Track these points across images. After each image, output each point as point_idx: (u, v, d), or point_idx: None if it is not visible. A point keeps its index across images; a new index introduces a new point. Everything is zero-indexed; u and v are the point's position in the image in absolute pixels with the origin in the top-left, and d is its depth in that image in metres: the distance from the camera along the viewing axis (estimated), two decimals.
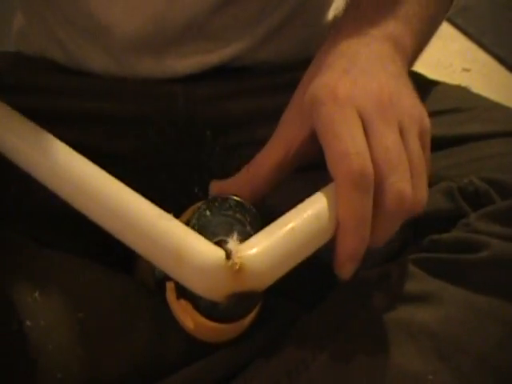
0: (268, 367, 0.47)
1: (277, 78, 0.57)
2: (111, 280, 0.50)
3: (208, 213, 0.42)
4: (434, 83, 0.61)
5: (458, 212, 0.49)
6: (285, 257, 0.39)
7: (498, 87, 1.46)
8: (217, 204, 0.43)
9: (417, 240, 0.50)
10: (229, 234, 0.41)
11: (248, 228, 0.42)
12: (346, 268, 0.42)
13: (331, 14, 0.62)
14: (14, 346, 0.45)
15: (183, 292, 0.42)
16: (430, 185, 0.52)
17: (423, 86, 0.60)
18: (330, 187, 0.41)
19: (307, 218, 0.40)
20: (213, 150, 0.56)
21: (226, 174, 0.56)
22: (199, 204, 0.43)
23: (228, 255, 0.36)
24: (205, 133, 0.56)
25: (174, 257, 0.37)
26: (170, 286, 0.43)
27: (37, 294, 0.47)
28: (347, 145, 0.40)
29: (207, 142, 0.56)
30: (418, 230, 0.51)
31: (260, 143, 0.56)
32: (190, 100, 0.55)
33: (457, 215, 0.49)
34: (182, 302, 0.42)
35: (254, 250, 0.37)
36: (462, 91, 0.60)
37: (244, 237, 0.40)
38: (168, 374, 0.48)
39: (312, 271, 0.55)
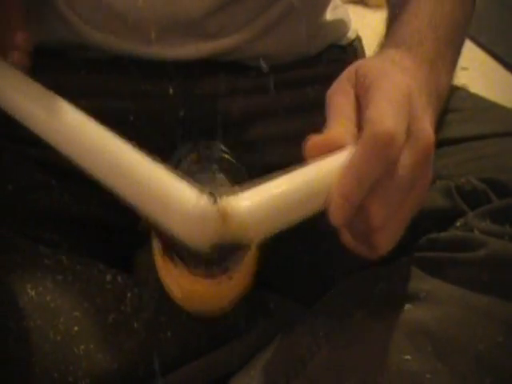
0: (265, 367, 0.47)
1: (274, 77, 0.57)
2: (109, 279, 0.50)
3: (195, 167, 0.43)
4: None
5: (455, 211, 0.49)
6: (272, 215, 0.38)
7: (496, 86, 1.46)
8: (203, 158, 0.43)
9: (414, 239, 0.50)
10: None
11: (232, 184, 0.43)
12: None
13: (329, 14, 0.62)
14: (10, 345, 0.45)
15: (169, 245, 0.42)
16: None
17: None
18: (337, 158, 0.40)
19: (302, 183, 0.39)
20: (211, 149, 0.56)
21: (223, 173, 0.56)
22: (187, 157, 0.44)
23: (215, 200, 0.35)
24: (202, 131, 0.56)
25: (160, 200, 0.36)
26: (155, 244, 0.43)
27: (33, 294, 0.47)
28: (392, 114, 0.39)
29: (205, 141, 0.56)
30: (416, 229, 0.51)
31: (258, 143, 0.56)
32: (187, 99, 0.55)
33: (454, 214, 0.49)
34: (169, 265, 0.42)
35: (241, 201, 0.36)
36: (459, 91, 0.60)
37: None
38: (164, 374, 0.48)
39: (311, 271, 0.55)
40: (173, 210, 0.36)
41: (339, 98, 0.43)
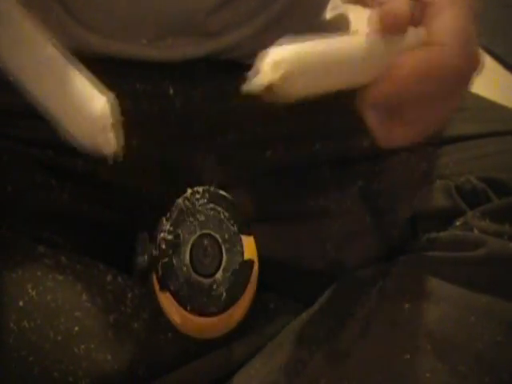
0: (265, 367, 0.47)
1: None
2: (110, 280, 0.50)
3: (190, 205, 0.44)
4: None
5: (455, 210, 0.49)
6: (310, 68, 0.40)
7: (496, 85, 1.46)
8: (197, 196, 0.44)
9: (414, 238, 0.50)
10: (211, 227, 0.43)
11: (227, 222, 0.44)
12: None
13: (329, 13, 0.62)
14: (11, 345, 0.45)
15: (165, 282, 0.42)
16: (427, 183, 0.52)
17: None
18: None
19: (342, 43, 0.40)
20: (210, 149, 0.56)
21: (223, 174, 0.56)
22: (180, 198, 0.45)
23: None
24: (202, 133, 0.56)
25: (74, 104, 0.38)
26: (155, 277, 0.43)
27: (34, 293, 0.47)
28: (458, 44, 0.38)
29: (204, 142, 0.56)
30: (416, 228, 0.51)
31: (259, 142, 0.56)
32: (187, 100, 0.55)
33: (454, 213, 0.49)
34: (167, 294, 0.42)
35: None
36: None
37: (225, 231, 0.43)
38: (164, 374, 0.48)
39: (310, 272, 0.55)
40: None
41: None
